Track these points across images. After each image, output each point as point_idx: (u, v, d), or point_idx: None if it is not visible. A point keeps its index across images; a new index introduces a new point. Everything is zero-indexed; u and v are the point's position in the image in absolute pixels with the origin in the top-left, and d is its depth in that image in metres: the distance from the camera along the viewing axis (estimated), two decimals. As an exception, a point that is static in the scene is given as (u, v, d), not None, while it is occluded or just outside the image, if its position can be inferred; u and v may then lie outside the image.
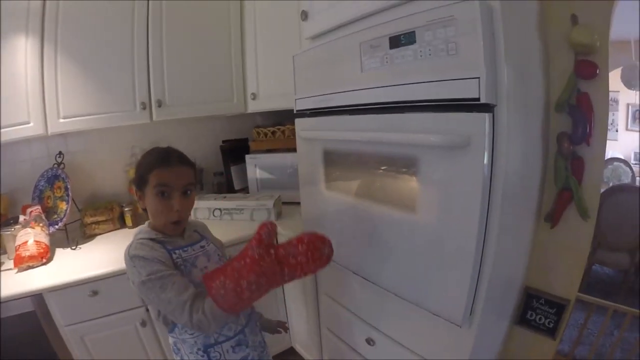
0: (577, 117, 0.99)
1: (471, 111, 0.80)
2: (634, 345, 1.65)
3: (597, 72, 0.94)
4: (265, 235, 0.85)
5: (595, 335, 1.68)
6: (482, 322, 0.94)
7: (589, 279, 2.71)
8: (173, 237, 1.02)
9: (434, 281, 0.98)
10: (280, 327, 1.38)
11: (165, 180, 0.96)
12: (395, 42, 0.93)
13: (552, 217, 1.08)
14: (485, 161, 0.79)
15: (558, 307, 1.09)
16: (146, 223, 1.05)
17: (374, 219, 1.11)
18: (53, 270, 1.51)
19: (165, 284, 0.89)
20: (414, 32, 0.88)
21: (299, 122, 1.38)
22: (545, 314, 1.12)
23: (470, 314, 0.93)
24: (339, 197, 1.26)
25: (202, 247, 1.07)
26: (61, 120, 1.65)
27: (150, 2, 1.75)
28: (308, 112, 1.33)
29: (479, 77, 0.77)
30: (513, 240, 1.00)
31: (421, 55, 0.87)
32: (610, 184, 3.23)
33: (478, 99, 0.78)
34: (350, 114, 1.13)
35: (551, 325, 1.11)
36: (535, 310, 1.15)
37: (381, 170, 1.10)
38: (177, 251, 1.00)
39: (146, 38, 1.76)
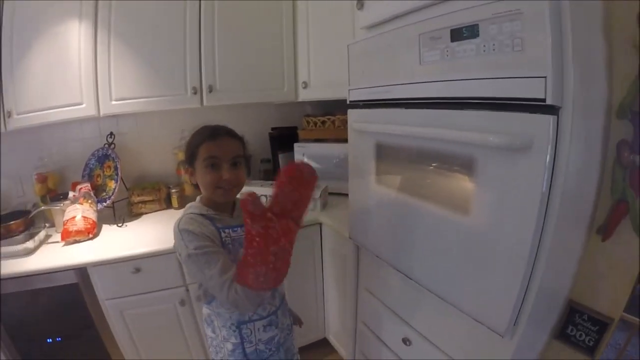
0: (639, 124, 0.92)
1: (535, 112, 0.75)
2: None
3: (664, 76, 0.87)
4: (254, 208, 0.82)
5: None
6: (524, 333, 0.90)
7: (638, 294, 2.54)
8: (223, 215, 1.04)
9: (480, 287, 0.93)
10: (297, 321, 1.37)
11: (214, 152, 1.00)
12: (457, 34, 0.88)
13: (605, 230, 1.00)
14: (547, 166, 0.75)
15: (601, 325, 1.02)
16: (197, 198, 1.07)
17: (423, 217, 1.07)
18: (98, 245, 1.57)
19: (210, 261, 0.91)
20: (477, 25, 0.83)
21: (352, 113, 1.35)
22: (586, 330, 1.05)
23: (515, 325, 0.89)
24: (387, 192, 1.23)
25: None
26: (113, 103, 1.70)
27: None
28: (361, 103, 1.29)
29: (545, 77, 0.72)
30: (564, 250, 0.95)
31: (484, 50, 0.82)
32: None
33: (544, 100, 0.73)
34: (405, 108, 1.09)
35: (591, 343, 1.03)
36: (577, 325, 1.07)
37: (433, 168, 1.06)
38: (226, 230, 1.01)
39: (198, 24, 1.77)
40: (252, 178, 2.22)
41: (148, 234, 1.65)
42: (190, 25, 1.76)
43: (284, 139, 2.24)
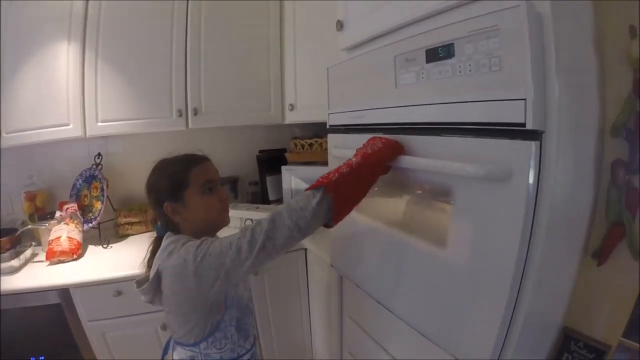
0: (635, 143, 0.83)
1: (515, 138, 0.67)
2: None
3: (659, 91, 0.79)
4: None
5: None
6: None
7: (636, 316, 2.45)
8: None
9: (460, 324, 0.85)
10: None
11: (210, 174, 0.97)
12: (433, 55, 0.81)
13: (600, 254, 0.92)
14: (529, 196, 0.67)
15: (597, 352, 0.94)
16: (176, 237, 0.93)
17: (401, 248, 0.99)
18: (82, 266, 1.54)
19: (222, 242, 0.82)
20: (452, 44, 0.76)
21: (332, 138, 1.28)
22: (582, 358, 0.98)
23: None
24: (366, 221, 1.15)
25: None
26: (99, 124, 1.68)
27: (189, 11, 1.73)
28: (342, 127, 1.23)
29: (525, 99, 0.64)
30: (555, 277, 0.87)
31: (460, 71, 0.75)
32: None
33: (524, 125, 0.65)
34: (383, 134, 1.02)
35: None
36: (572, 353, 1.00)
37: (411, 197, 0.99)
38: None
39: (184, 46, 1.75)
40: (240, 200, 2.16)
41: (132, 257, 1.60)
42: (177, 47, 1.74)
43: (272, 161, 2.19)
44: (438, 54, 0.80)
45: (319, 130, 2.14)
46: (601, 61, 0.85)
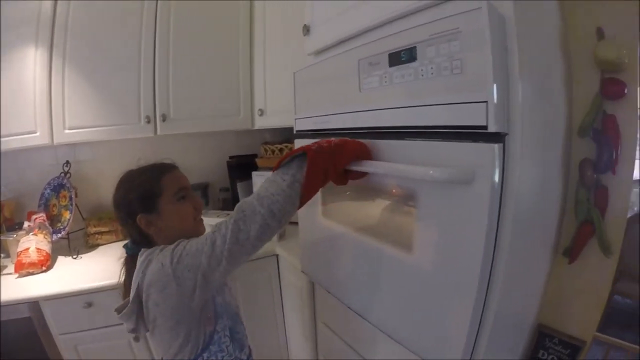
0: (602, 143, 0.84)
1: (478, 141, 0.66)
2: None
3: (625, 91, 0.79)
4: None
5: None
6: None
7: (610, 310, 2.53)
8: None
9: (429, 327, 0.84)
10: None
11: (182, 182, 0.94)
12: (395, 59, 0.80)
13: (571, 252, 0.93)
14: (493, 198, 0.66)
15: (573, 348, 0.96)
16: (151, 249, 0.88)
17: (368, 253, 0.98)
18: (52, 278, 1.49)
19: (198, 240, 0.81)
20: (415, 47, 0.75)
21: (299, 144, 1.26)
22: (558, 354, 0.99)
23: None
24: (333, 226, 1.14)
25: None
26: (67, 131, 1.63)
27: (158, 16, 1.69)
28: (309, 133, 1.20)
29: (486, 101, 0.63)
30: (526, 277, 0.87)
31: (422, 75, 0.74)
32: (636, 209, 2.97)
33: (485, 127, 0.64)
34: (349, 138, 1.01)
35: None
36: (548, 350, 1.01)
37: (376, 202, 0.98)
38: None
39: (153, 52, 1.71)
40: (211, 207, 2.12)
41: (102, 267, 1.56)
42: (145, 51, 1.70)
43: (242, 167, 2.16)
44: (400, 57, 0.79)
45: (290, 135, 2.09)
46: (569, 62, 0.86)
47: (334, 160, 0.83)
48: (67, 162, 1.84)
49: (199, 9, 1.79)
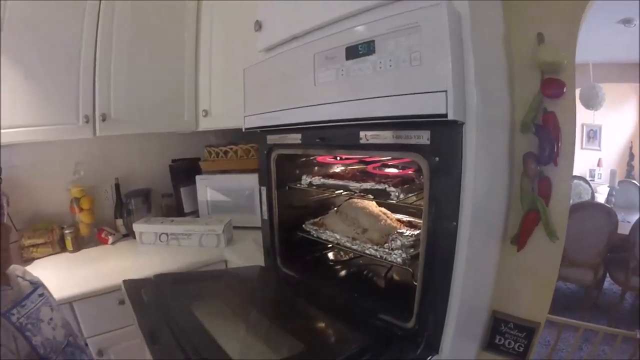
0: (544, 137, 0.90)
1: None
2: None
3: (564, 90, 0.85)
4: None
5: (564, 351, 1.61)
6: (452, 348, 0.82)
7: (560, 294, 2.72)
8: None
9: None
10: None
11: None
12: (353, 52, 0.79)
13: (519, 240, 0.98)
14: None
15: (528, 330, 1.00)
16: None
17: None
18: None
19: None
20: (373, 41, 0.75)
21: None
22: (514, 338, 1.03)
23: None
24: None
25: (40, 295, 0.82)
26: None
27: (101, 10, 1.55)
28: (258, 130, 1.17)
29: (446, 91, 0.64)
30: (479, 263, 0.89)
31: (381, 67, 0.74)
32: (571, 201, 3.24)
33: (445, 115, 0.65)
34: (301, 133, 1.00)
35: (521, 349, 1.01)
36: (504, 334, 1.05)
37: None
38: (14, 310, 0.73)
39: (94, 46, 1.56)
40: (154, 214, 1.94)
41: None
42: (86, 47, 1.54)
43: (186, 171, 2.01)
44: (358, 51, 0.78)
45: (236, 138, 2.04)
46: (511, 64, 0.91)
47: None
48: (-1, 167, 1.62)
49: (144, 7, 1.68)
